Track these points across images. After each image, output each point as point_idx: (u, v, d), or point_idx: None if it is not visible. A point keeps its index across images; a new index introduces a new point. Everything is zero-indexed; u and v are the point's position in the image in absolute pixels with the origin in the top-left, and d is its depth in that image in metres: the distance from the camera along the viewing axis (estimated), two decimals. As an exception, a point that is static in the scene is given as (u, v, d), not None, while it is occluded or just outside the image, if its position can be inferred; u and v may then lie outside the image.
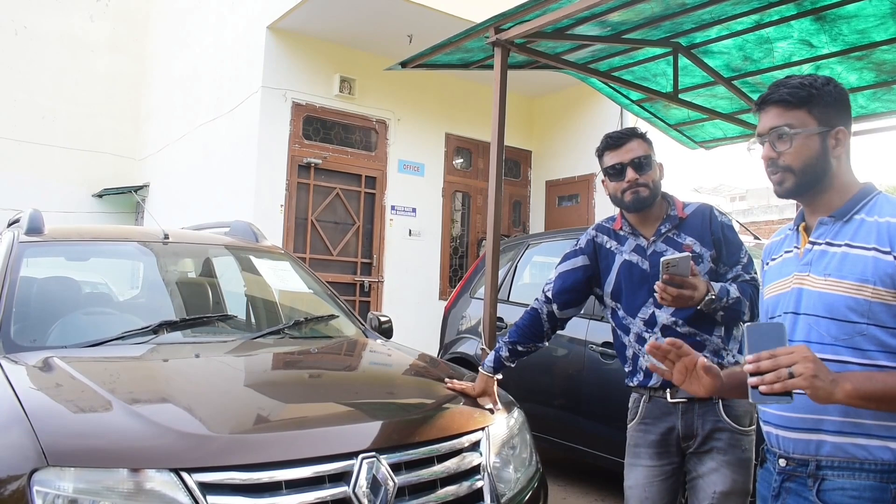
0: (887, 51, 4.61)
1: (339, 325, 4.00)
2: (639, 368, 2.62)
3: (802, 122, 1.79)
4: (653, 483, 2.58)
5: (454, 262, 10.22)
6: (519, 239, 6.43)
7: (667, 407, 2.55)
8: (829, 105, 1.80)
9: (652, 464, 2.59)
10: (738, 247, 2.60)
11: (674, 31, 4.70)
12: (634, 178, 2.58)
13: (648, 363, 2.08)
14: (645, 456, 2.60)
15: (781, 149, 1.80)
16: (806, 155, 1.79)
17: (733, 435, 2.48)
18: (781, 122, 1.81)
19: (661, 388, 2.55)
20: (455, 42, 4.71)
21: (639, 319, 2.60)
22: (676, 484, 2.59)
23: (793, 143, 1.79)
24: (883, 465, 1.67)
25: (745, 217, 13.76)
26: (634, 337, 2.62)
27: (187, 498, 1.99)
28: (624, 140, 2.63)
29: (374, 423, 2.52)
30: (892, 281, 1.66)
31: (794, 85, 1.81)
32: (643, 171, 2.59)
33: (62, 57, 13.36)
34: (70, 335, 3.26)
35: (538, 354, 3.02)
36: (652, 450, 2.59)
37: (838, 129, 1.80)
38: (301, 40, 8.76)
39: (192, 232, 4.80)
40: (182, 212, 10.11)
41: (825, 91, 1.80)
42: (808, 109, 1.79)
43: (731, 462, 2.47)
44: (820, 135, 1.79)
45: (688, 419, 2.51)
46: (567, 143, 10.41)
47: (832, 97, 1.80)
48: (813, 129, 1.79)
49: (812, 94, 1.79)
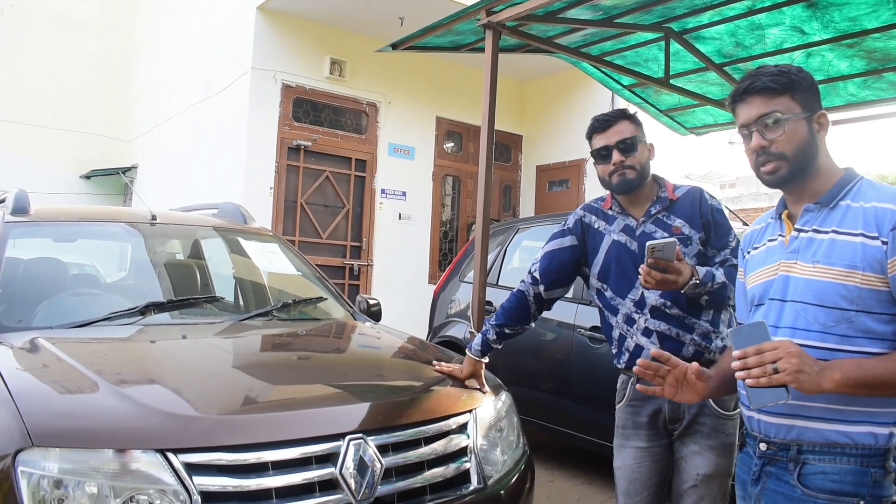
0: (878, 38, 4.61)
1: (327, 307, 3.99)
2: (625, 350, 2.62)
3: (789, 108, 1.79)
4: (642, 464, 2.60)
5: (444, 246, 10.22)
6: (508, 223, 6.43)
7: None
8: (807, 90, 1.81)
9: (641, 444, 2.61)
10: (727, 231, 2.59)
11: (666, 15, 4.69)
12: (620, 160, 2.58)
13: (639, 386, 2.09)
14: (634, 437, 2.62)
15: (772, 136, 1.79)
16: (798, 140, 1.78)
17: (717, 419, 2.50)
18: (769, 110, 1.80)
19: None
20: (446, 24, 4.68)
21: (628, 300, 2.60)
22: (665, 464, 2.60)
23: (785, 130, 1.78)
24: (864, 449, 1.69)
25: (735, 204, 13.79)
26: (623, 318, 2.62)
27: (173, 478, 1.99)
28: (611, 122, 2.63)
29: (362, 404, 2.53)
30: (881, 266, 1.66)
31: (772, 73, 1.81)
32: (629, 154, 2.58)
33: (50, 36, 13.21)
34: (56, 316, 3.24)
35: (526, 338, 3.02)
36: (641, 431, 2.61)
37: (820, 114, 1.80)
38: (292, 21, 8.70)
39: (180, 213, 4.77)
40: (171, 193, 10.06)
41: (801, 77, 1.81)
42: (790, 95, 1.80)
43: (714, 446, 2.49)
44: (806, 119, 1.79)
45: (674, 403, 2.51)
46: (558, 128, 10.39)
47: (807, 83, 1.82)
48: (799, 113, 1.79)
49: (792, 80, 1.80)
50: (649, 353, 2.48)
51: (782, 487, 1.77)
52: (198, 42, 10.37)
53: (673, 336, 2.52)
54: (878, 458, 1.69)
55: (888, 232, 1.66)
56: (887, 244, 1.66)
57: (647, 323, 2.55)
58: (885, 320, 1.68)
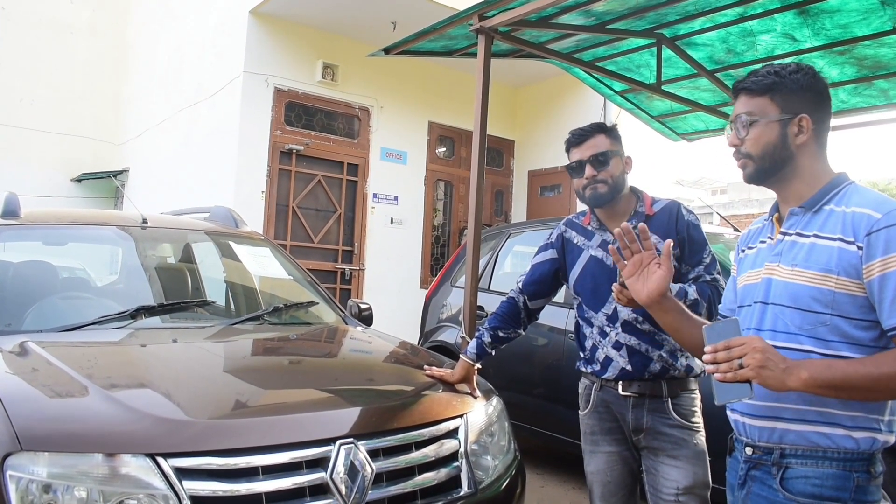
0: (869, 46, 4.64)
1: (318, 311, 3.99)
2: (596, 359, 2.66)
3: (763, 110, 1.81)
4: (613, 468, 2.67)
5: (436, 251, 10.21)
6: (500, 228, 6.43)
7: (617, 398, 2.61)
8: (794, 92, 1.81)
9: (611, 449, 2.67)
10: (702, 246, 2.62)
11: (658, 22, 4.71)
12: (592, 174, 2.62)
13: (611, 249, 2.14)
14: (604, 443, 2.69)
15: (743, 136, 1.84)
16: (763, 142, 1.81)
17: (683, 430, 2.54)
18: (744, 110, 1.84)
19: (615, 380, 2.60)
20: (439, 29, 4.69)
21: (601, 314, 2.65)
22: (636, 466, 2.67)
23: (750, 131, 1.82)
24: (846, 453, 1.69)
25: (727, 210, 13.84)
26: (597, 330, 2.67)
27: (163, 483, 1.98)
28: (586, 136, 2.67)
29: (352, 409, 2.53)
30: (857, 271, 1.66)
31: (760, 73, 1.84)
32: (602, 168, 2.62)
33: (41, 40, 13.16)
34: (46, 319, 3.22)
35: (518, 343, 3.04)
36: (610, 436, 2.68)
37: (801, 117, 1.80)
38: (284, 25, 8.69)
39: (171, 217, 4.76)
40: (162, 197, 10.03)
41: (791, 79, 1.81)
42: (770, 97, 1.81)
43: (687, 456, 2.52)
44: (780, 122, 1.80)
45: (637, 413, 2.58)
46: (550, 134, 10.39)
47: (798, 85, 1.81)
48: (773, 116, 1.80)
49: (775, 83, 1.81)
50: (618, 364, 2.55)
51: (766, 492, 1.77)
52: (190, 46, 10.35)
53: (642, 351, 2.57)
54: (861, 463, 1.69)
55: (863, 237, 1.66)
56: (863, 249, 1.65)
57: (618, 336, 2.60)
58: (864, 326, 1.67)
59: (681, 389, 2.58)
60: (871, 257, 1.64)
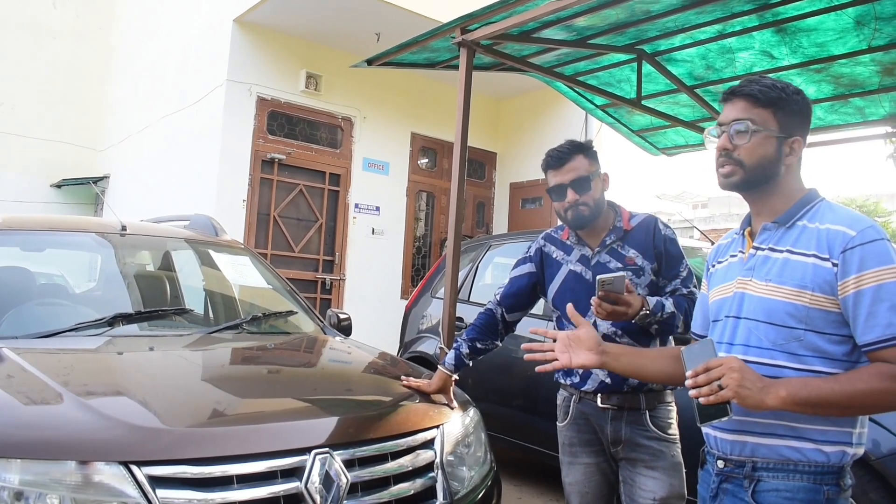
0: (845, 64, 4.71)
1: (297, 321, 3.98)
2: (575, 371, 2.67)
3: (765, 122, 1.81)
4: (591, 479, 2.69)
5: (417, 262, 10.22)
6: (480, 240, 6.45)
7: (596, 410, 2.63)
8: (794, 113, 1.82)
9: (589, 461, 2.70)
10: (679, 260, 2.64)
11: (638, 37, 4.76)
12: (574, 199, 2.63)
13: (539, 368, 2.20)
14: (582, 454, 2.71)
15: (739, 142, 1.83)
16: (760, 154, 1.81)
17: (661, 442, 2.57)
18: (745, 116, 1.82)
19: (594, 392, 2.62)
20: (421, 41, 4.72)
21: None
22: (614, 478, 2.69)
23: (750, 140, 1.81)
24: (816, 466, 1.71)
25: (707, 224, 13.97)
26: None
27: (136, 491, 1.97)
28: (565, 159, 2.66)
29: (328, 419, 2.52)
30: (831, 288, 1.68)
31: (766, 84, 1.83)
32: (583, 192, 2.63)
33: (23, 44, 13.07)
34: (22, 326, 3.20)
35: (496, 354, 3.05)
36: (588, 448, 2.70)
37: (795, 139, 1.82)
38: (268, 34, 8.69)
39: (150, 224, 4.74)
40: (143, 204, 9.97)
41: (793, 99, 1.83)
42: (773, 111, 1.81)
43: (665, 468, 2.54)
44: (778, 139, 1.81)
45: (616, 425, 2.60)
46: (532, 146, 10.45)
47: (798, 106, 1.83)
48: (773, 131, 1.81)
49: (781, 98, 1.82)
50: (597, 377, 2.58)
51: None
52: (173, 53, 10.33)
53: None
54: (831, 476, 1.71)
55: (839, 254, 1.68)
56: (838, 266, 1.67)
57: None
58: (837, 341, 1.69)
59: (658, 402, 2.60)
60: (847, 274, 1.66)
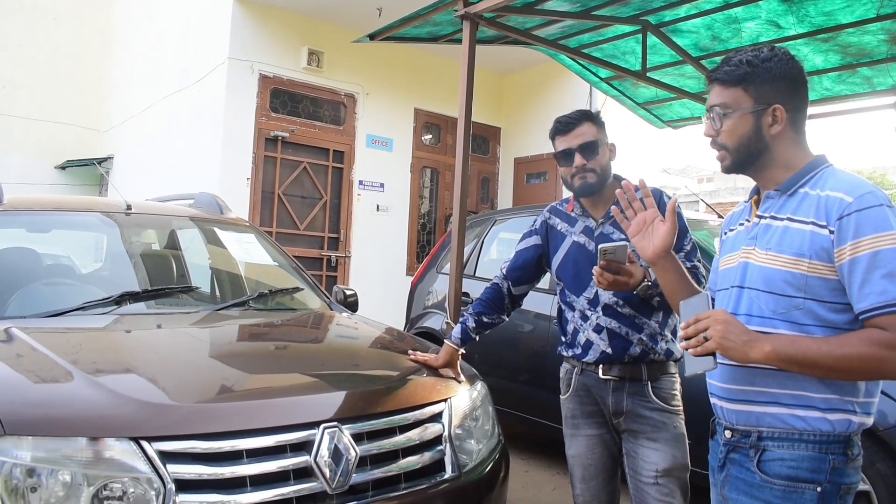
0: (853, 33, 4.66)
1: (303, 297, 3.99)
2: (577, 343, 2.69)
3: (737, 101, 1.81)
4: (594, 450, 2.71)
5: (422, 238, 10.22)
6: (486, 215, 6.44)
7: (598, 381, 2.64)
8: (767, 82, 1.80)
9: (592, 432, 2.71)
10: (683, 233, 2.63)
11: (643, 8, 4.71)
12: (582, 163, 2.62)
13: (614, 210, 2.18)
14: (584, 426, 2.72)
15: (718, 127, 1.85)
16: (738, 134, 1.82)
17: (663, 413, 2.57)
18: (718, 101, 1.85)
19: (595, 363, 2.63)
20: (424, 15, 4.68)
21: (583, 298, 2.68)
22: (616, 449, 2.70)
23: (724, 123, 1.83)
24: (821, 435, 1.70)
25: (713, 198, 13.92)
26: (579, 314, 2.70)
27: (147, 466, 1.99)
28: (573, 125, 2.66)
29: (337, 393, 2.54)
30: (828, 255, 1.67)
31: (733, 62, 1.83)
32: (591, 157, 2.63)
33: (23, 26, 13.04)
34: (30, 306, 3.21)
35: (503, 329, 3.06)
36: (591, 420, 2.71)
37: (775, 108, 1.79)
38: (269, 11, 8.64)
39: (155, 203, 4.74)
40: (147, 184, 9.99)
41: (763, 67, 1.80)
42: (743, 88, 1.81)
43: (667, 439, 2.55)
44: (754, 113, 1.80)
45: (617, 396, 2.61)
46: (536, 121, 10.40)
47: (771, 74, 1.80)
48: (746, 107, 1.80)
49: (747, 73, 1.80)
50: (598, 348, 2.57)
51: (743, 474, 1.80)
52: (174, 32, 10.28)
53: (622, 334, 2.60)
54: (837, 445, 1.70)
55: (835, 221, 1.66)
56: (834, 233, 1.66)
57: (598, 320, 2.63)
58: (838, 309, 1.68)
59: (660, 373, 2.61)
60: (842, 241, 1.65)
